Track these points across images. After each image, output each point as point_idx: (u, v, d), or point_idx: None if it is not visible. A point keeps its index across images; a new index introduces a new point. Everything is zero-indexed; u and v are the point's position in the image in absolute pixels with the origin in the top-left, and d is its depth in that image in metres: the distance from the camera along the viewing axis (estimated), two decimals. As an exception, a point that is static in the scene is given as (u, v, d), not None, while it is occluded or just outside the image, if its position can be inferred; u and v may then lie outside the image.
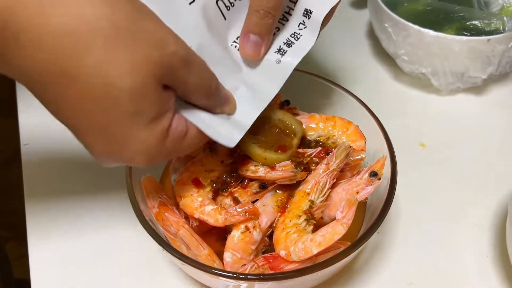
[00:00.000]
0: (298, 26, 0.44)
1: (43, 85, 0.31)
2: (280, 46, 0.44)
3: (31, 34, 0.29)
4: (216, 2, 0.41)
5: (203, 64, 0.36)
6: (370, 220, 0.43)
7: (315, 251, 0.40)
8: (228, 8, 0.42)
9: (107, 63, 0.30)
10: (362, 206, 0.48)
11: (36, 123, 0.59)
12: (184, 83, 0.34)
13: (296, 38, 0.44)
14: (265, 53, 0.44)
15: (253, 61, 0.43)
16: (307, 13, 0.44)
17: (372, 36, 0.75)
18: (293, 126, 0.47)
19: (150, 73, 0.31)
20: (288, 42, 0.44)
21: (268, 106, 0.42)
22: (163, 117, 0.34)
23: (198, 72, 0.35)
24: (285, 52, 0.44)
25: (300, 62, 0.44)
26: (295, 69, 0.44)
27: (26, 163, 0.56)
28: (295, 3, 0.44)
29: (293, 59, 0.44)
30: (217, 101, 0.38)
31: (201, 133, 0.37)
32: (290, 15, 0.44)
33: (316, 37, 0.44)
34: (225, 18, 0.42)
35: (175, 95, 0.35)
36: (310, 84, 0.53)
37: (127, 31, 0.30)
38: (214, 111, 0.39)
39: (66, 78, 0.30)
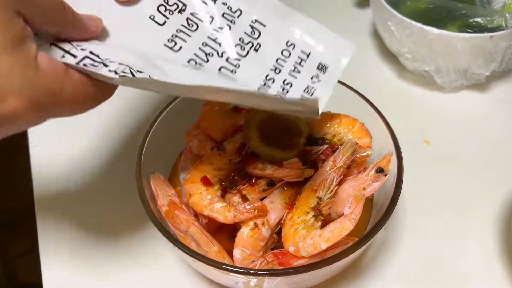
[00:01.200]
0: (311, 79, 0.42)
1: None
2: None
3: None
4: (219, 69, 0.39)
5: None
6: (377, 216, 0.44)
7: (324, 246, 0.40)
8: (233, 71, 0.39)
9: None
10: (369, 203, 0.49)
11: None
12: (37, 5, 0.30)
13: (311, 94, 0.42)
14: None
15: None
16: (322, 68, 0.43)
17: (376, 35, 0.75)
18: (299, 126, 0.48)
19: None
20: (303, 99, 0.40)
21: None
22: (24, 43, 0.29)
23: None
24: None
25: None
26: None
27: (35, 164, 0.57)
28: (307, 54, 0.43)
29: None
30: (78, 22, 0.34)
31: (90, 78, 0.32)
32: (302, 66, 0.43)
33: (331, 93, 0.42)
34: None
35: (32, 30, 0.30)
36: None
37: None
38: (86, 35, 0.34)
39: None
